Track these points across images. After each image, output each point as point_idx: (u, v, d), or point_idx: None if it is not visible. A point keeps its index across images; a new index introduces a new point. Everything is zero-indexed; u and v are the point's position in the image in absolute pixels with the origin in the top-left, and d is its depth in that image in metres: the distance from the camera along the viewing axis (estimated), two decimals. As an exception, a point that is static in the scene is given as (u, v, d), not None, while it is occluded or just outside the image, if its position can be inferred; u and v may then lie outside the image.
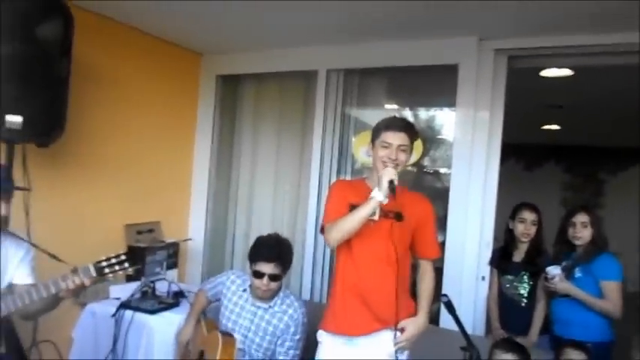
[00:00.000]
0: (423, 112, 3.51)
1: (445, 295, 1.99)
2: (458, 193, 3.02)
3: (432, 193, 3.26)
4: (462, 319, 1.96)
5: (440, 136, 3.41)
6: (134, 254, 3.02)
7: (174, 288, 3.16)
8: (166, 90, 3.64)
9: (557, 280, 2.59)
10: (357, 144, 3.45)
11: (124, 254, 1.89)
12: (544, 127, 6.28)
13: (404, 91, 3.61)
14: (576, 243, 2.67)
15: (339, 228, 2.01)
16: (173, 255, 3.54)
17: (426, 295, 2.14)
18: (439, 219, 2.97)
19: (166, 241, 3.50)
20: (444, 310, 2.37)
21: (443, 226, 3.00)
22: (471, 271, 2.99)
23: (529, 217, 2.84)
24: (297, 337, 2.46)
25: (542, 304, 2.77)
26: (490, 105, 3.01)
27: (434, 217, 2.18)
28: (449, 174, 3.07)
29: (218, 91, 3.90)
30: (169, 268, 3.47)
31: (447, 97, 3.11)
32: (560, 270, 2.62)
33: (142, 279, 3.13)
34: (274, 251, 2.45)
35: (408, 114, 3.54)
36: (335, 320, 2.12)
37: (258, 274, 2.42)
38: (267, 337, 2.47)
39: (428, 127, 3.48)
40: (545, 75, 3.65)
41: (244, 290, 2.55)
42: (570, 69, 3.50)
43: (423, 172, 3.49)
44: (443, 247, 2.97)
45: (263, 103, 3.88)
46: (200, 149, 3.91)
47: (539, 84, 3.91)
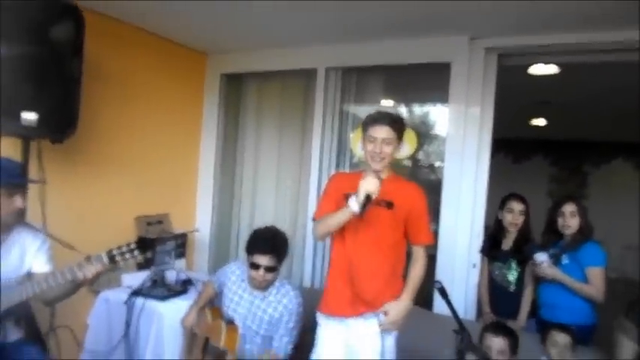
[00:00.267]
0: (417, 108, 3.51)
1: (438, 282, 1.99)
2: (450, 185, 3.03)
3: (426, 185, 3.25)
4: (454, 304, 1.97)
5: (433, 132, 3.41)
6: (144, 244, 3.03)
7: (182, 276, 3.18)
8: (173, 88, 3.63)
9: (545, 266, 2.60)
10: (355, 139, 3.45)
11: (134, 243, 1.91)
12: (532, 122, 6.28)
13: (399, 88, 3.60)
14: (565, 232, 2.67)
15: (322, 225, 2.09)
16: (181, 245, 3.55)
17: (413, 280, 2.12)
18: (433, 210, 2.99)
19: (175, 232, 3.51)
20: (437, 296, 2.38)
21: (436, 217, 3.01)
22: (463, 259, 3.01)
23: (517, 207, 2.85)
24: (291, 325, 2.45)
25: (529, 289, 2.79)
26: (481, 101, 3.01)
27: (426, 204, 2.15)
28: (442, 167, 3.08)
29: (222, 90, 3.89)
30: (178, 257, 3.48)
31: (440, 94, 3.11)
32: (548, 257, 2.63)
33: (152, 268, 3.15)
34: (269, 244, 2.43)
35: (403, 110, 3.54)
36: (325, 302, 2.18)
37: (254, 265, 2.41)
38: (264, 326, 2.47)
39: (422, 122, 3.48)
40: (533, 72, 3.64)
41: (243, 280, 2.55)
42: (557, 66, 3.49)
43: (417, 165, 3.50)
44: (436, 236, 2.98)
45: (265, 100, 3.87)
46: (205, 145, 3.91)
47: (527, 81, 3.91)
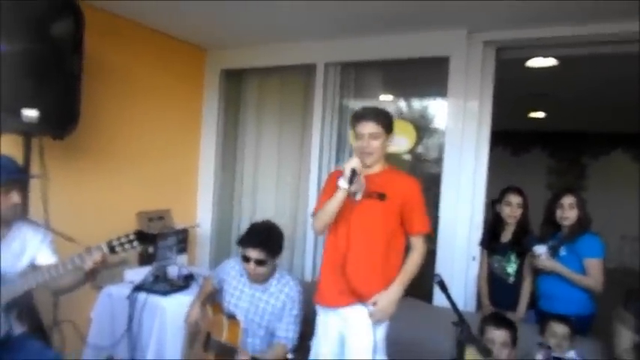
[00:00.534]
0: (416, 103, 3.51)
1: (438, 275, 2.00)
2: (450, 178, 3.04)
3: (425, 179, 3.28)
4: (454, 296, 1.98)
5: (432, 125, 3.41)
6: (143, 236, 3.04)
7: (184, 271, 3.19)
8: (173, 84, 3.63)
9: (543, 258, 2.62)
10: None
11: (133, 234, 1.94)
12: (530, 114, 6.28)
13: (398, 83, 3.60)
14: (564, 224, 2.68)
15: (320, 214, 2.15)
16: (183, 241, 3.56)
17: (406, 270, 2.13)
18: (433, 203, 3.01)
19: (176, 228, 3.52)
20: (437, 289, 2.40)
21: (436, 210, 3.02)
22: (463, 252, 3.02)
23: (515, 200, 2.86)
24: (295, 312, 2.49)
25: (528, 281, 2.80)
26: (479, 94, 3.01)
27: (421, 195, 2.16)
28: (441, 161, 3.09)
29: (222, 85, 3.89)
30: (179, 252, 3.49)
31: (439, 88, 3.11)
32: (546, 249, 2.64)
33: (154, 263, 3.16)
34: (259, 237, 2.45)
35: (402, 104, 3.54)
36: (318, 292, 2.24)
37: (245, 258, 2.45)
38: (266, 317, 2.49)
39: (421, 116, 3.48)
40: (531, 65, 3.64)
41: (242, 275, 2.57)
42: (555, 58, 3.49)
43: (416, 159, 3.50)
44: (436, 229, 2.99)
45: (265, 96, 3.87)
46: (206, 141, 3.91)
47: (525, 73, 3.91)
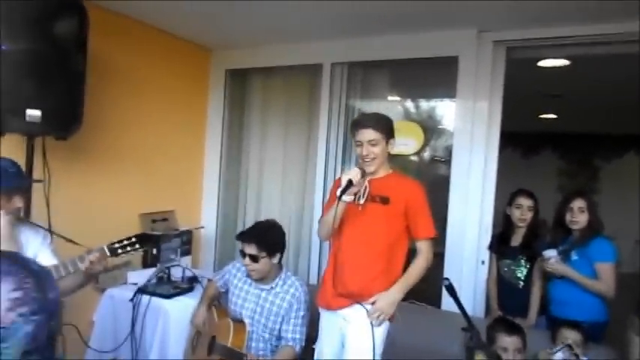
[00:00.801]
0: (424, 103, 3.48)
1: (447, 279, 1.97)
2: (458, 180, 3.00)
3: (433, 181, 3.25)
4: (462, 301, 1.95)
5: (441, 126, 3.38)
6: (145, 238, 3.04)
7: (188, 273, 3.17)
8: (178, 84, 3.63)
9: (553, 262, 2.58)
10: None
11: (135, 237, 1.93)
12: (541, 115, 6.22)
13: (406, 83, 3.57)
14: (573, 227, 2.65)
15: (321, 225, 2.22)
16: (187, 242, 3.55)
17: (409, 273, 2.15)
18: (441, 206, 2.98)
19: (180, 229, 3.51)
20: (445, 293, 2.37)
21: (444, 213, 2.98)
22: (472, 256, 2.98)
23: (525, 203, 2.83)
24: (302, 313, 2.49)
25: (538, 286, 2.77)
26: (489, 95, 2.98)
27: (425, 199, 2.17)
28: (449, 162, 3.05)
29: (227, 86, 3.88)
30: (183, 254, 3.48)
31: (448, 88, 3.08)
32: (556, 253, 2.61)
33: (158, 265, 3.16)
34: (255, 233, 2.50)
35: (409, 105, 3.51)
36: (318, 294, 2.28)
37: (241, 253, 2.50)
38: (272, 317, 2.50)
39: (429, 117, 3.45)
40: (543, 65, 3.60)
41: (248, 276, 2.58)
42: (567, 59, 3.45)
43: (423, 160, 3.47)
44: (444, 232, 2.96)
45: (270, 96, 3.85)
46: (211, 141, 3.90)
47: (537, 74, 3.87)
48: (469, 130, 2.98)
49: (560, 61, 3.51)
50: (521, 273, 2.80)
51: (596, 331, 2.47)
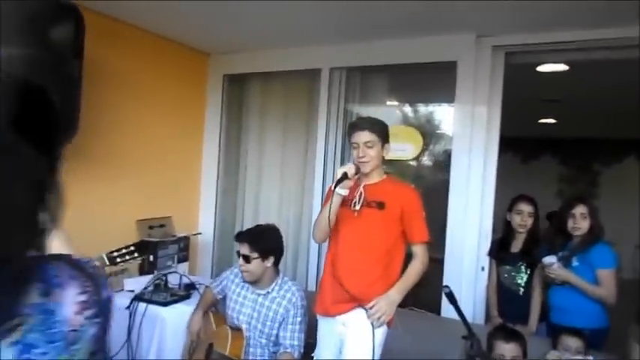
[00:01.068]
0: (422, 108, 3.49)
1: (447, 287, 1.96)
2: (457, 185, 3.00)
3: (431, 186, 3.25)
4: (462, 308, 1.95)
5: (439, 131, 3.38)
6: (144, 247, 3.02)
7: (185, 280, 3.15)
8: (175, 89, 3.62)
9: (555, 267, 2.58)
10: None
11: (133, 245, 1.92)
12: (541, 120, 6.23)
13: (404, 88, 3.58)
14: (575, 234, 2.64)
15: (316, 225, 2.23)
16: (184, 249, 3.53)
17: (406, 277, 2.17)
18: (441, 211, 2.97)
19: (177, 236, 3.49)
20: (445, 300, 2.36)
21: (444, 219, 2.98)
22: (471, 262, 2.97)
23: (525, 209, 2.82)
24: (299, 319, 2.48)
25: (538, 292, 2.76)
26: (488, 100, 2.98)
27: (420, 204, 2.20)
28: (448, 167, 3.05)
29: (225, 90, 3.88)
30: (180, 261, 3.46)
31: (446, 93, 3.08)
32: (557, 259, 2.60)
33: (155, 272, 3.13)
34: (249, 234, 2.53)
35: (408, 110, 3.52)
36: (319, 301, 2.28)
37: (237, 253, 2.52)
38: (268, 323, 2.49)
39: (427, 122, 3.45)
40: (542, 70, 3.60)
41: (245, 281, 2.58)
42: (566, 64, 3.45)
43: (422, 165, 3.47)
44: (443, 239, 2.95)
45: (269, 101, 3.85)
46: (208, 147, 3.90)
47: (536, 79, 3.88)
48: (468, 135, 2.98)
49: (560, 66, 3.51)
50: (522, 279, 2.79)
51: (597, 338, 2.46)
